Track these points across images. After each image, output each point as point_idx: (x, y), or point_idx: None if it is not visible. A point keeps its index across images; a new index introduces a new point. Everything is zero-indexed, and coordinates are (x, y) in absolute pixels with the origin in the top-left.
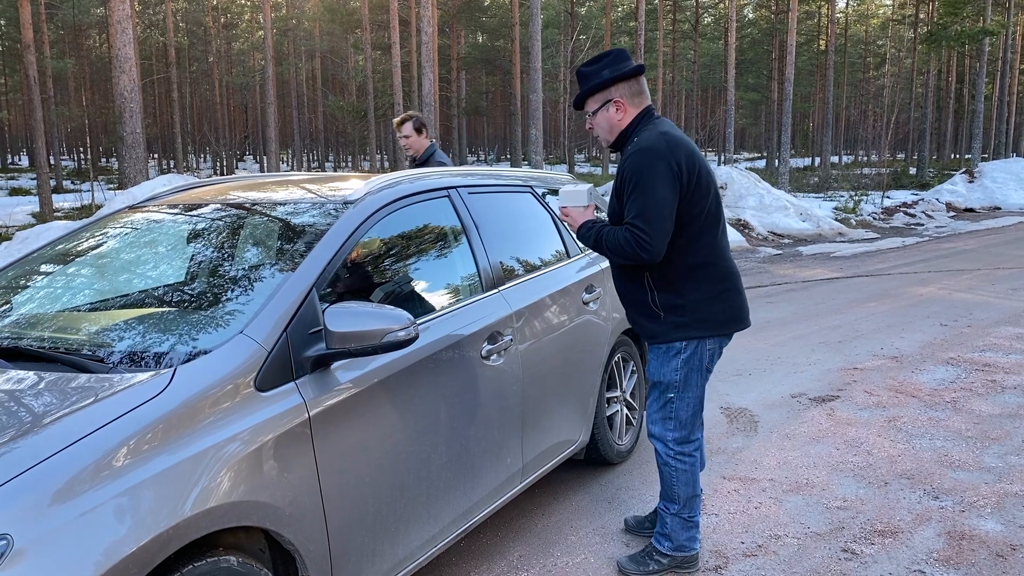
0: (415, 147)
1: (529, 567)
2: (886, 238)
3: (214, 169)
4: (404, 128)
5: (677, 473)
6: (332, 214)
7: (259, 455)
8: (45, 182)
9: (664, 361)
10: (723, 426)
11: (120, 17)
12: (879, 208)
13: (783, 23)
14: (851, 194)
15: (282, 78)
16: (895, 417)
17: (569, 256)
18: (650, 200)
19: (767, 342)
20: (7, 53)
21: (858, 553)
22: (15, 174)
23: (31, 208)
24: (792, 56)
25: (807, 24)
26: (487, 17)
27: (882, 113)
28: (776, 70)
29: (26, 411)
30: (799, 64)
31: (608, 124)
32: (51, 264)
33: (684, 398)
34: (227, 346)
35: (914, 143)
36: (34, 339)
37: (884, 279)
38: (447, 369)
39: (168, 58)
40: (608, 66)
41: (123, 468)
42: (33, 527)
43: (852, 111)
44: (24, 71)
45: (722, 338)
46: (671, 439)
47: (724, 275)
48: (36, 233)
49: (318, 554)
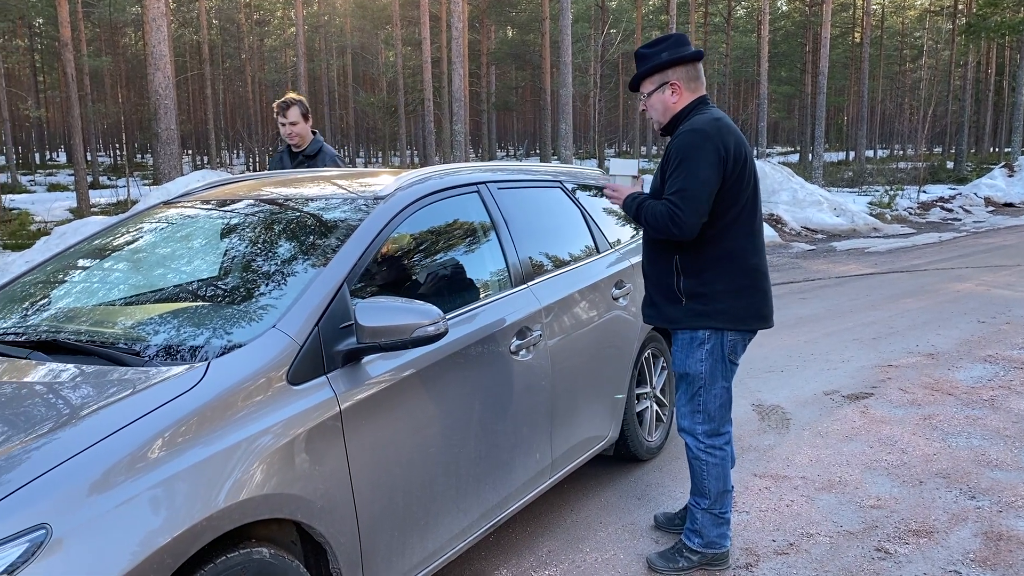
0: (301, 135)
1: (558, 562)
2: (922, 233)
3: (246, 165)
4: (290, 113)
5: (708, 467)
6: (363, 210)
7: (291, 448)
8: (82, 178)
9: (688, 352)
10: (754, 423)
11: (155, 15)
12: (915, 203)
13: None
14: (886, 189)
15: (313, 74)
16: (931, 415)
17: (599, 251)
18: (691, 179)
19: (799, 338)
20: (45, 51)
21: (892, 552)
22: (53, 170)
23: (69, 204)
24: (826, 49)
25: (842, 16)
26: (517, 12)
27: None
28: (810, 63)
29: (64, 403)
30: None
31: (663, 106)
32: (88, 259)
33: (711, 390)
34: (260, 340)
35: (951, 137)
36: (72, 332)
37: (920, 275)
38: (476, 364)
39: (201, 55)
40: (667, 49)
41: (158, 460)
42: (71, 517)
43: (888, 104)
44: (62, 69)
45: (744, 332)
46: (700, 432)
47: (750, 271)
48: (74, 228)
49: (349, 547)
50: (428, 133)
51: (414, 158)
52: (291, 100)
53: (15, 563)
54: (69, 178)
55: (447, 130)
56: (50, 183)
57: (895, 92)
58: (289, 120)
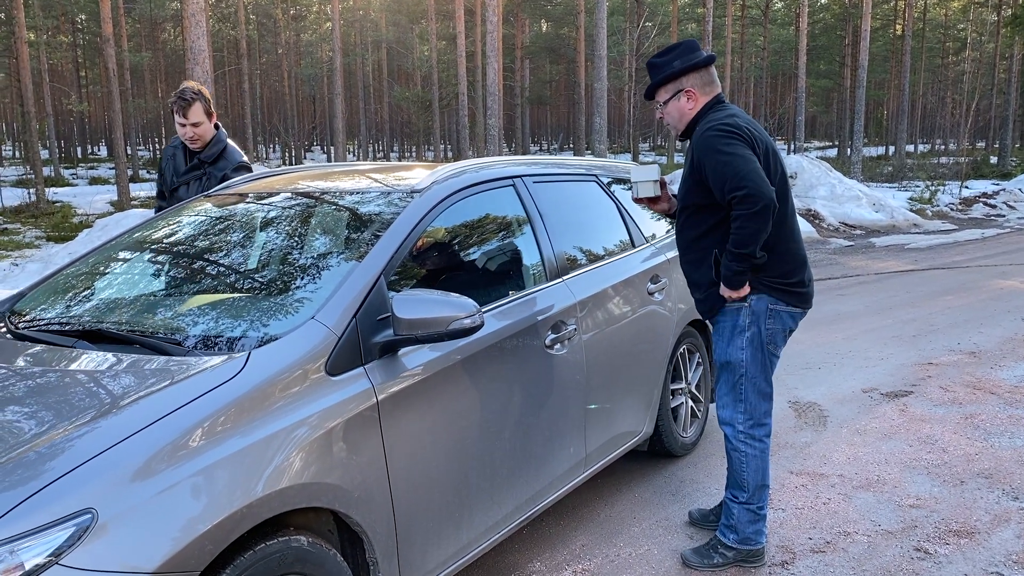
0: (203, 137)
1: (591, 556)
2: (964, 229)
3: (283, 159)
4: (191, 113)
5: (747, 459)
6: (399, 203)
7: (329, 438)
8: (123, 171)
9: (729, 340)
10: (791, 420)
11: (194, 10)
12: (957, 198)
13: (857, 7)
14: (927, 184)
15: (349, 69)
16: (972, 414)
17: (634, 246)
18: (733, 161)
19: (837, 335)
20: (88, 47)
21: (932, 553)
22: (94, 164)
23: (110, 197)
24: (866, 41)
25: (883, 8)
26: (552, 5)
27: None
28: (849, 56)
29: (107, 391)
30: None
31: (679, 113)
32: (129, 251)
33: (752, 379)
34: (299, 331)
35: (995, 131)
36: (115, 322)
37: (961, 272)
38: (511, 357)
39: (239, 50)
40: (679, 56)
41: (198, 448)
42: (115, 503)
43: (929, 98)
44: (103, 64)
45: (785, 317)
46: (741, 422)
47: (789, 257)
48: (115, 220)
49: (385, 536)
50: (462, 127)
51: (447, 152)
52: (190, 93)
53: (61, 547)
54: (110, 171)
55: (481, 124)
56: (91, 176)
57: (937, 85)
58: (190, 120)
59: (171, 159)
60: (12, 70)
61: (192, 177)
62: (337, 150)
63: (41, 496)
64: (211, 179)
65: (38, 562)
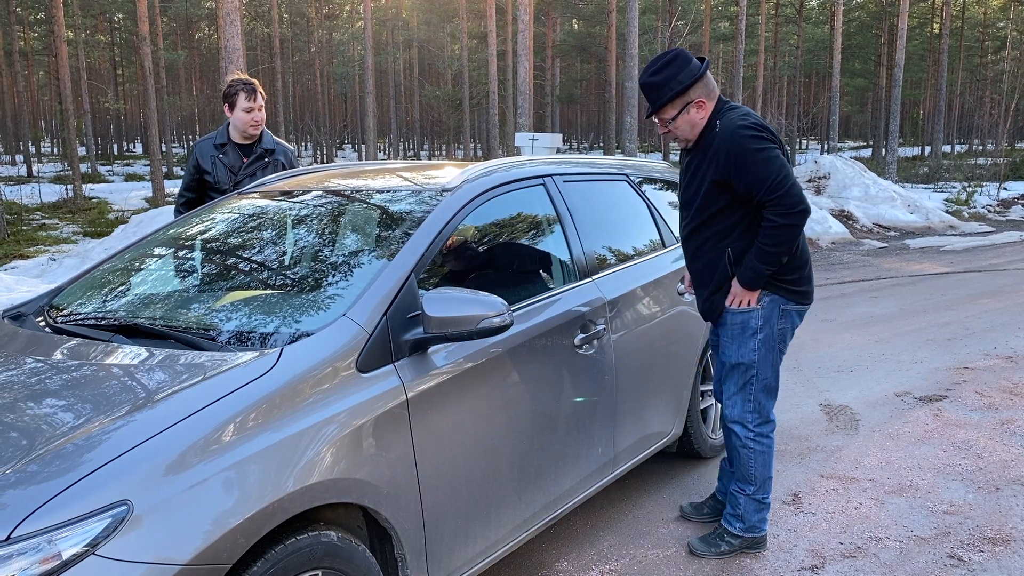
0: (263, 122)
1: (619, 556)
2: (1002, 232)
3: (314, 157)
4: (260, 95)
5: (755, 455)
6: (430, 201)
7: (359, 434)
8: (157, 168)
9: (741, 342)
10: (823, 423)
11: (229, 9)
12: (995, 200)
13: (894, 5)
14: (964, 185)
15: (380, 68)
16: (1009, 420)
17: (665, 246)
18: (772, 165)
19: (870, 338)
20: (124, 45)
21: (965, 560)
22: (130, 161)
23: (145, 193)
24: (903, 40)
25: (920, 6)
26: (583, 4)
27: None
28: (885, 55)
29: (142, 385)
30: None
31: (690, 125)
32: (164, 247)
33: (762, 379)
34: (330, 328)
35: None
36: (150, 317)
37: (999, 275)
38: (540, 356)
39: (272, 49)
40: (680, 69)
41: (231, 443)
42: (149, 495)
43: (967, 98)
44: (140, 62)
45: (795, 316)
46: (751, 421)
47: (801, 256)
48: (150, 217)
49: (413, 533)
50: (492, 126)
51: (477, 151)
52: (251, 82)
53: (97, 537)
54: (145, 168)
55: (511, 123)
56: (127, 173)
57: (975, 85)
58: (258, 104)
59: (215, 158)
60: (51, 68)
61: (259, 167)
62: (368, 148)
63: (78, 487)
64: (276, 166)
65: (75, 552)
